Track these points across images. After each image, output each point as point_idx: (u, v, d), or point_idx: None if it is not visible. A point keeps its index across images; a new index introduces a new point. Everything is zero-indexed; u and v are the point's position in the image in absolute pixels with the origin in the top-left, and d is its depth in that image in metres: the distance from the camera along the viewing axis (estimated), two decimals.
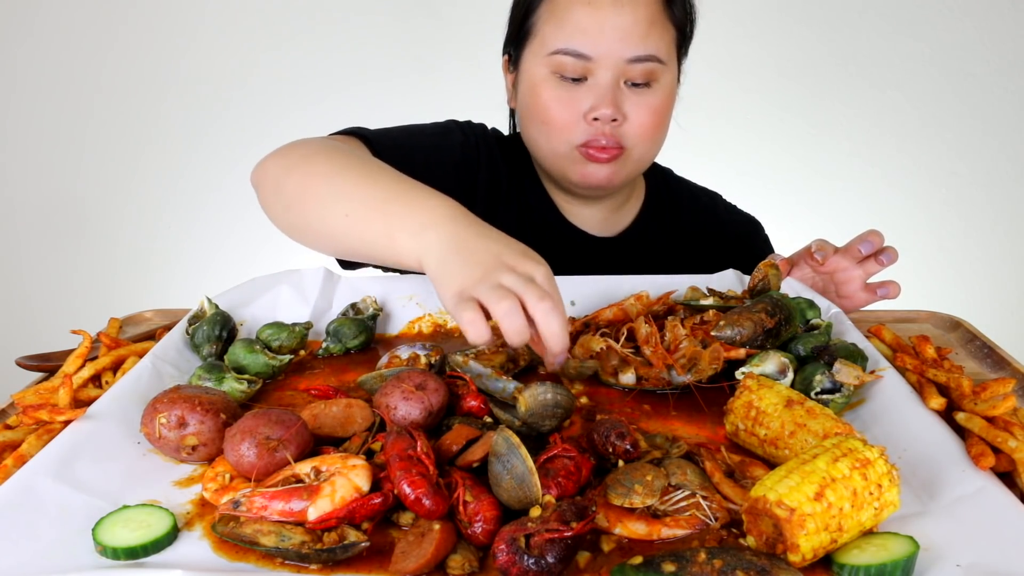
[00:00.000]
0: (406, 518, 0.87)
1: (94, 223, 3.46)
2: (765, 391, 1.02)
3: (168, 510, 0.87)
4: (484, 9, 1.62)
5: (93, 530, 0.83)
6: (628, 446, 0.93)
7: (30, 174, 3.40)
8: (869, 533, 0.81)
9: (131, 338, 1.37)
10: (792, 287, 1.42)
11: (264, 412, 0.95)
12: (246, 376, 1.18)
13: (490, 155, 1.66)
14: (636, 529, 0.85)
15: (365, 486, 0.86)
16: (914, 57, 3.13)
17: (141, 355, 1.22)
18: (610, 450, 0.94)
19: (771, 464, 0.96)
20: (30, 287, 3.53)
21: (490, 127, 1.75)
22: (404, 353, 1.25)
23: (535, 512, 0.81)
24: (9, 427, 1.06)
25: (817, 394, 1.09)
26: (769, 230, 1.89)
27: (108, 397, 1.08)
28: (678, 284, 1.43)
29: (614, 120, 1.47)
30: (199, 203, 3.41)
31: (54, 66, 3.24)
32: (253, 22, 3.19)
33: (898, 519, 0.84)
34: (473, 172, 1.64)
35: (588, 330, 1.34)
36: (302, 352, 1.33)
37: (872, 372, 1.12)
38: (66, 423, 1.02)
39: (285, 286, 1.44)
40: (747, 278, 1.45)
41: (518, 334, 1.00)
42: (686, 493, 0.88)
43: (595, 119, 1.47)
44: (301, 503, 0.84)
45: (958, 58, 3.12)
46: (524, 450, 0.85)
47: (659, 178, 1.82)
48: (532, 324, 1.02)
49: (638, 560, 0.78)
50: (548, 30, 1.49)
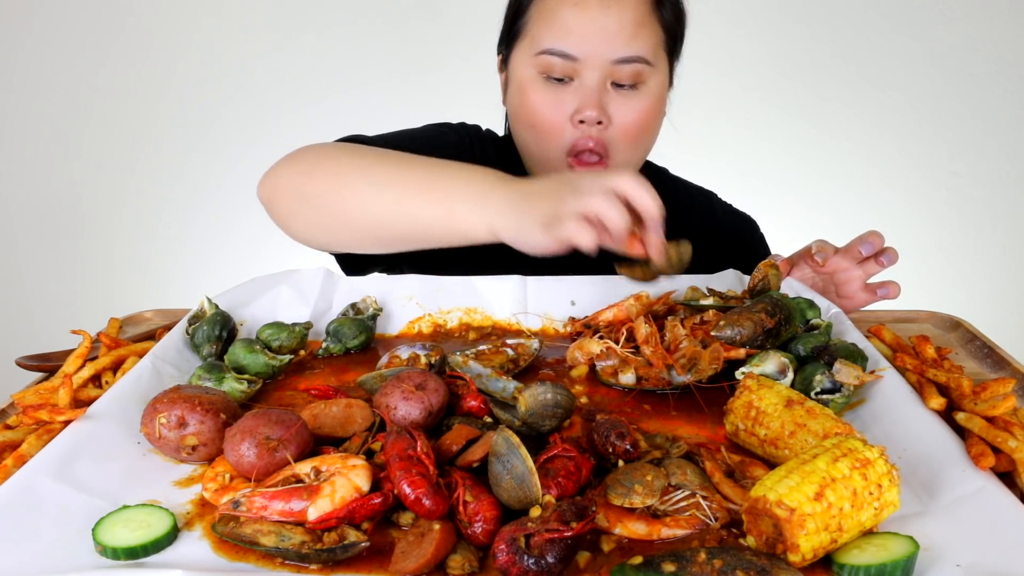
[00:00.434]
0: (406, 518, 0.87)
1: (94, 223, 3.46)
2: (765, 391, 1.02)
3: (168, 510, 0.87)
4: (484, 9, 1.62)
5: (93, 530, 0.83)
6: (628, 446, 0.93)
7: (30, 174, 3.40)
8: (869, 533, 0.81)
9: (131, 338, 1.37)
10: (792, 287, 1.42)
11: (264, 412, 0.96)
12: (246, 376, 1.18)
13: (484, 154, 1.66)
14: (636, 529, 0.85)
15: (365, 486, 0.86)
16: (914, 57, 3.13)
17: (141, 355, 1.22)
18: (610, 450, 0.94)
19: (771, 464, 0.96)
20: (30, 287, 3.53)
21: (484, 128, 1.75)
22: (404, 353, 1.25)
23: (535, 512, 0.81)
24: (9, 427, 1.06)
25: (817, 394, 1.09)
26: (769, 230, 1.89)
27: (108, 397, 1.08)
28: (678, 284, 1.43)
29: (599, 123, 1.46)
30: (199, 203, 3.40)
31: (54, 66, 3.24)
32: (253, 23, 3.19)
33: (898, 519, 0.84)
34: None
35: (587, 331, 1.34)
36: (302, 352, 1.33)
37: (872, 372, 1.12)
38: (66, 423, 1.02)
39: (285, 286, 1.44)
40: (747, 278, 1.45)
41: (623, 217, 1.09)
42: (686, 493, 0.88)
43: (581, 121, 1.46)
44: (301, 503, 0.84)
45: (958, 58, 3.12)
46: (524, 450, 0.85)
47: (655, 177, 1.80)
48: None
49: (638, 560, 0.78)
50: (536, 30, 1.49)
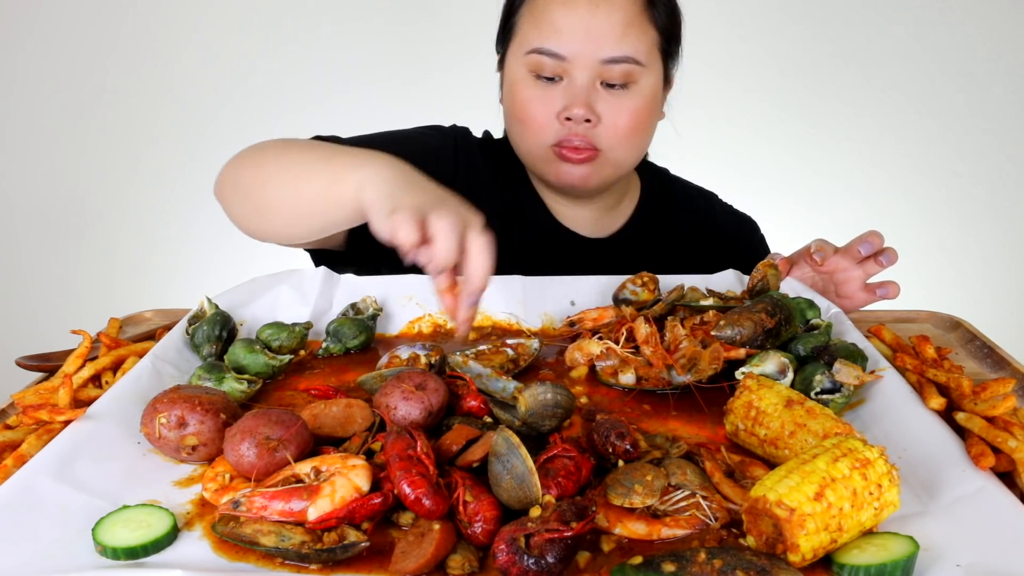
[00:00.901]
0: (406, 518, 0.87)
1: (94, 223, 3.46)
2: (765, 391, 1.02)
3: (168, 510, 0.87)
4: (486, 9, 1.62)
5: (93, 530, 0.83)
6: (628, 446, 0.93)
7: (30, 175, 3.40)
8: (869, 533, 0.81)
9: (131, 338, 1.37)
10: (792, 287, 1.42)
11: (264, 412, 0.95)
12: (246, 376, 1.18)
13: (469, 156, 1.66)
14: (636, 529, 0.85)
15: (365, 486, 0.86)
16: (914, 57, 3.13)
17: (141, 355, 1.22)
18: (610, 450, 0.94)
19: (771, 464, 0.96)
20: (30, 287, 3.53)
21: (484, 131, 1.75)
22: (404, 353, 1.25)
23: (535, 512, 0.81)
24: (9, 427, 1.06)
25: (817, 394, 1.09)
26: (769, 230, 1.89)
27: (108, 397, 1.08)
28: (676, 283, 1.43)
29: (587, 121, 1.46)
30: (199, 203, 3.38)
31: (54, 67, 3.24)
32: (253, 23, 3.19)
33: (898, 519, 0.84)
34: (449, 173, 1.61)
35: (586, 332, 1.34)
36: (302, 352, 1.33)
37: (872, 372, 1.12)
38: (66, 423, 1.02)
39: (285, 286, 1.44)
40: (747, 278, 1.45)
41: (451, 253, 1.00)
42: (686, 493, 0.88)
43: (568, 119, 1.46)
44: (301, 503, 0.84)
45: (958, 58, 3.11)
46: (524, 450, 0.85)
47: (654, 178, 1.81)
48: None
49: (638, 560, 0.78)
50: (527, 29, 1.49)
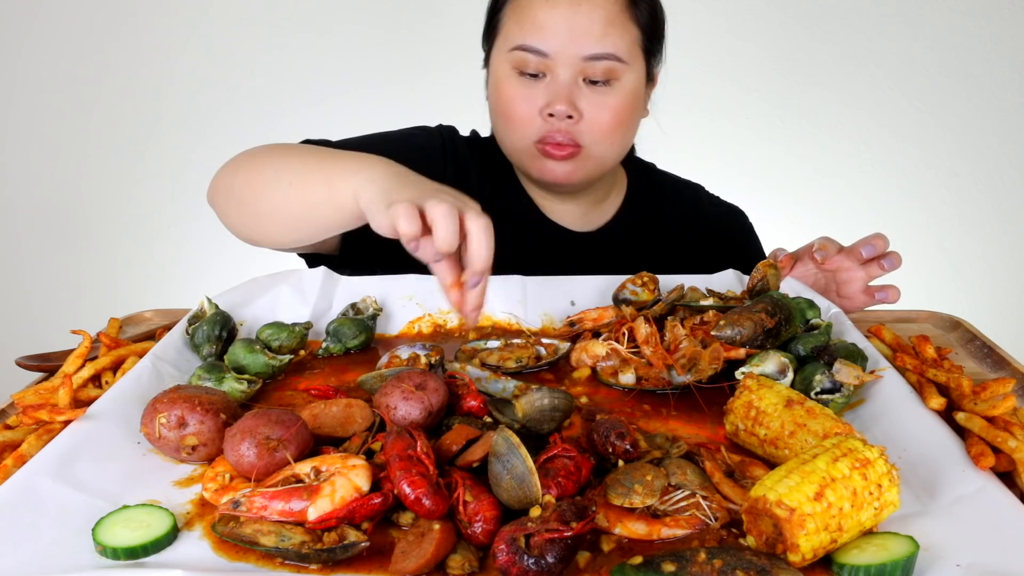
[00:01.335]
0: (406, 518, 0.87)
1: (95, 223, 3.46)
2: (765, 391, 1.02)
3: (168, 510, 0.87)
4: (483, 9, 1.62)
5: (93, 530, 0.83)
6: (628, 446, 0.93)
7: (30, 174, 3.40)
8: (869, 533, 0.81)
9: (131, 338, 1.37)
10: (792, 287, 1.42)
11: (264, 412, 0.95)
12: (246, 376, 1.18)
13: (456, 154, 1.67)
14: (636, 529, 0.85)
15: (365, 486, 0.86)
16: (914, 57, 3.12)
17: (141, 355, 1.22)
18: (609, 450, 0.94)
19: (771, 464, 0.96)
20: (30, 287, 3.52)
21: (471, 130, 1.76)
22: (404, 353, 1.25)
23: (535, 512, 0.81)
24: (9, 427, 1.06)
25: (817, 394, 1.09)
26: (769, 230, 1.89)
27: (108, 397, 1.08)
28: (676, 283, 1.43)
29: (570, 117, 1.47)
30: (199, 203, 3.37)
31: (55, 66, 3.24)
32: (254, 23, 3.19)
33: (898, 519, 0.84)
34: (438, 172, 1.63)
35: (587, 333, 1.34)
36: (302, 352, 1.33)
37: (872, 372, 1.12)
38: (66, 423, 1.02)
39: (285, 286, 1.44)
40: (746, 278, 1.45)
41: (451, 236, 1.02)
42: (686, 493, 0.88)
43: (551, 115, 1.48)
44: (301, 503, 0.84)
45: (959, 58, 3.11)
46: (524, 450, 0.85)
47: (641, 173, 1.83)
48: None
49: (638, 560, 0.78)
50: (510, 26, 1.51)
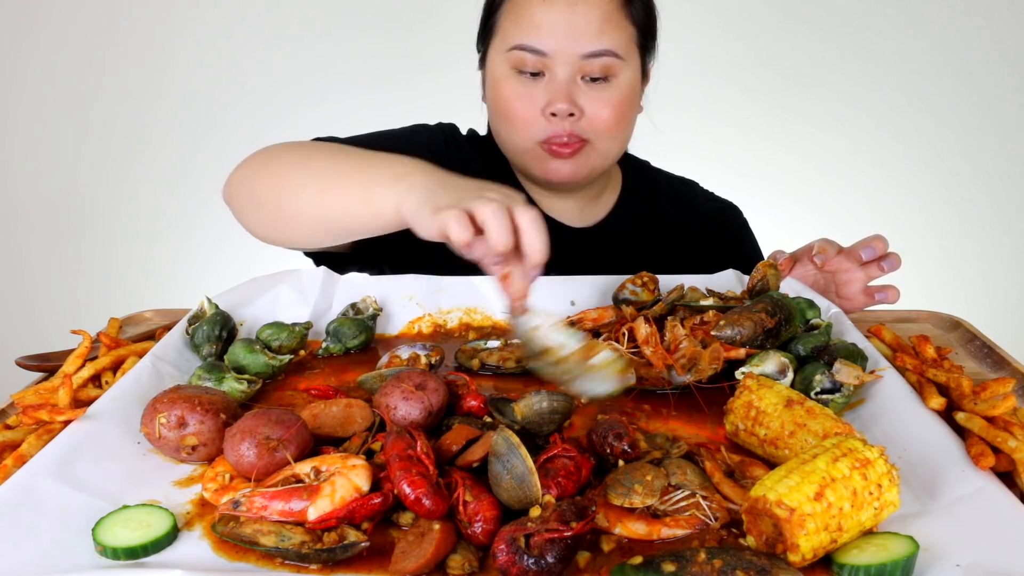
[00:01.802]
0: (406, 518, 0.87)
1: (95, 223, 3.45)
2: (765, 391, 1.02)
3: (168, 510, 0.87)
4: (480, 9, 1.63)
5: (93, 530, 0.83)
6: (626, 446, 0.93)
7: (30, 174, 3.39)
8: (869, 533, 0.81)
9: (131, 338, 1.37)
10: (792, 287, 1.42)
11: (264, 412, 0.95)
12: (246, 376, 1.17)
13: (459, 152, 1.68)
14: (636, 529, 0.85)
15: (365, 486, 0.86)
16: (914, 56, 3.13)
17: (141, 355, 1.22)
18: (608, 451, 0.94)
19: (771, 464, 0.96)
20: (30, 287, 3.52)
21: (468, 128, 1.76)
22: (404, 353, 1.25)
23: (535, 512, 0.81)
24: (9, 427, 1.06)
25: (817, 394, 1.09)
26: (769, 230, 1.89)
27: (108, 397, 1.08)
28: (676, 283, 1.43)
29: (571, 115, 1.48)
30: (199, 203, 3.38)
31: (54, 66, 3.24)
32: (254, 23, 3.19)
33: (898, 519, 0.84)
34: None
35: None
36: (302, 352, 1.33)
37: (872, 372, 1.12)
38: (66, 423, 1.02)
39: (285, 286, 1.44)
40: (746, 278, 1.45)
41: (505, 235, 1.00)
42: (686, 493, 0.88)
43: (553, 114, 1.48)
44: (301, 503, 0.84)
45: (958, 58, 3.11)
46: (524, 450, 0.85)
47: (635, 169, 1.83)
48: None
49: (638, 560, 0.78)
50: (508, 26, 1.51)
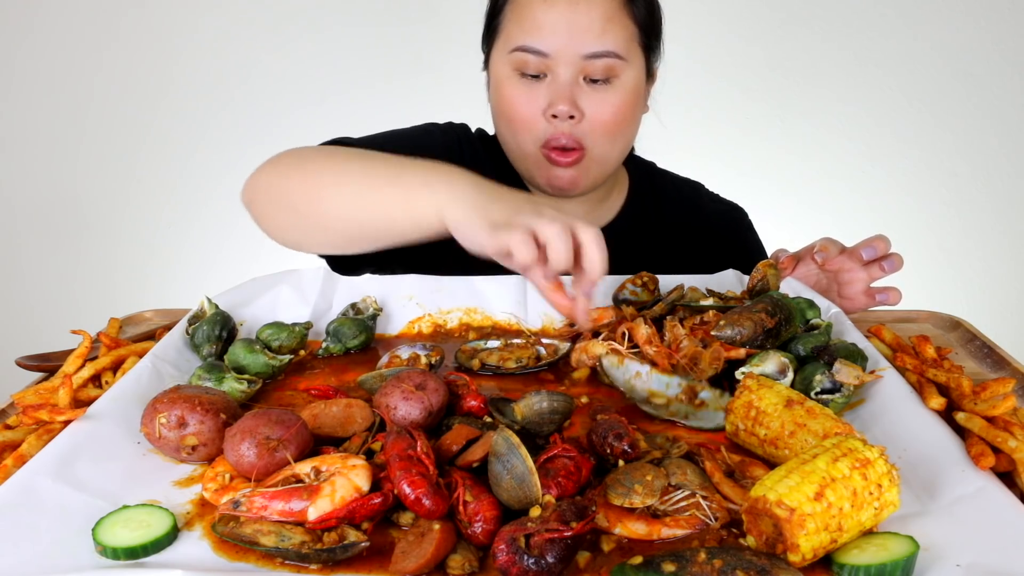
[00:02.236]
0: (406, 518, 0.87)
1: (94, 223, 3.46)
2: (765, 391, 1.02)
3: (168, 510, 0.87)
4: (483, 8, 1.62)
5: (93, 530, 0.83)
6: (626, 446, 0.93)
7: (30, 174, 3.40)
8: (869, 533, 0.81)
9: (131, 338, 1.37)
10: (792, 287, 1.42)
11: (264, 412, 0.95)
12: (246, 376, 1.18)
13: (473, 152, 1.67)
14: (636, 529, 0.85)
15: (365, 486, 0.86)
16: (914, 57, 3.13)
17: (141, 355, 1.22)
18: (608, 451, 0.94)
19: (771, 464, 0.96)
20: (30, 287, 3.52)
21: (476, 127, 1.76)
22: (404, 353, 1.25)
23: (535, 512, 0.81)
24: (9, 427, 1.06)
25: (817, 394, 1.09)
26: (769, 230, 1.89)
27: (108, 397, 1.08)
28: (676, 283, 1.43)
29: (572, 117, 1.47)
30: (199, 203, 3.40)
31: (53, 66, 3.24)
32: (253, 23, 3.19)
33: (898, 519, 0.84)
34: None
35: (586, 334, 1.33)
36: (302, 352, 1.33)
37: (872, 372, 1.12)
38: (66, 423, 1.02)
39: (285, 286, 1.44)
40: (746, 278, 1.45)
41: (567, 256, 1.05)
42: (686, 493, 0.88)
43: (554, 116, 1.47)
44: (301, 503, 0.84)
45: (958, 58, 3.11)
46: (524, 450, 0.85)
47: (642, 171, 1.83)
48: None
49: (638, 560, 0.78)
50: (510, 28, 1.50)
